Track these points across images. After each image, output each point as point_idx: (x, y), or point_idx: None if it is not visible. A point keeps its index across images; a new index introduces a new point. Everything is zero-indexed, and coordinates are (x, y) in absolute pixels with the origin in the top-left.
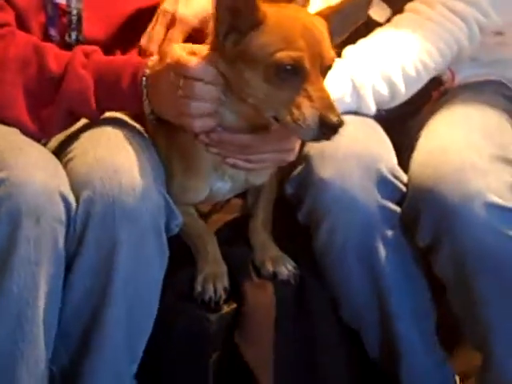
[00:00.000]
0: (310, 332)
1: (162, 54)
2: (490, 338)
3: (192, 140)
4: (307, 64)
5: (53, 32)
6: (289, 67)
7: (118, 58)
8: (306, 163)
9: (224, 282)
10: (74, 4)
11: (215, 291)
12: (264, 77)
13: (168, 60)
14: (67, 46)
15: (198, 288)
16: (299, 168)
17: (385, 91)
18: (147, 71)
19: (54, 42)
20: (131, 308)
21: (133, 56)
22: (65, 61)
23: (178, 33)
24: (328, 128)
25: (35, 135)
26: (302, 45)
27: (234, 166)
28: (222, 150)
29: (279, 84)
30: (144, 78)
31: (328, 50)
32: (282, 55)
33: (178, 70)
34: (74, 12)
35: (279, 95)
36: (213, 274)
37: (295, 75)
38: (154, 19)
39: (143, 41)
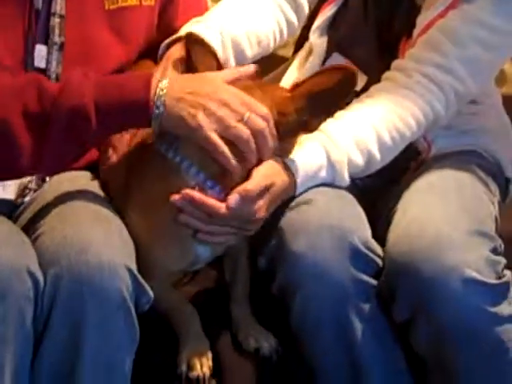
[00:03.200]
0: None
1: None
2: None
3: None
4: None
5: None
6: None
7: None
8: (278, 236)
9: (209, 358)
10: (53, 68)
11: (201, 369)
12: None
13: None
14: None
15: (183, 366)
16: (272, 241)
17: (360, 161)
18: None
19: None
20: None
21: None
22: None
23: None
24: None
25: (33, 166)
26: None
27: (199, 239)
28: (189, 218)
29: None
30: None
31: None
32: None
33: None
34: (53, 76)
35: None
36: (198, 351)
37: None
38: None
39: None
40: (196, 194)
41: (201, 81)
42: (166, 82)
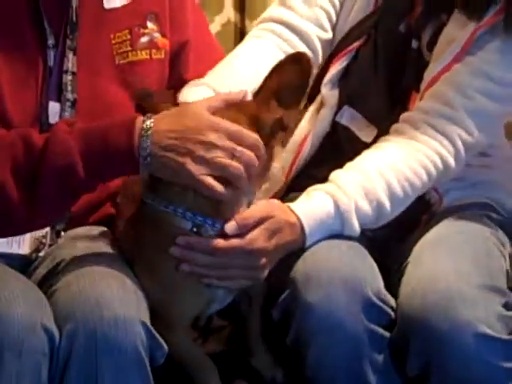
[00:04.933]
0: None
1: None
2: None
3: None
4: None
5: None
6: None
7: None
8: (292, 288)
9: None
10: None
11: None
12: None
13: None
14: None
15: None
16: (285, 293)
17: (369, 210)
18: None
19: None
20: None
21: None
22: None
23: None
24: None
25: (29, 220)
26: None
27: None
28: (192, 266)
29: None
30: (148, 123)
31: None
32: None
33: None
34: None
35: None
36: None
37: None
38: None
39: None
40: (191, 238)
41: (185, 117)
42: (151, 123)
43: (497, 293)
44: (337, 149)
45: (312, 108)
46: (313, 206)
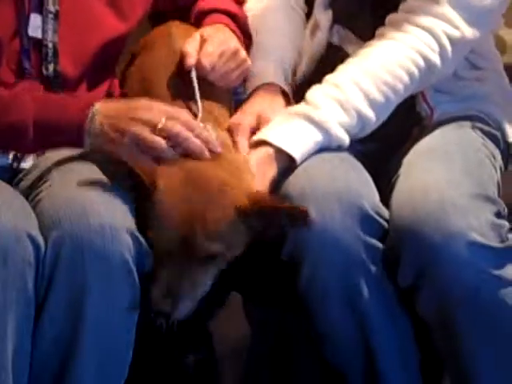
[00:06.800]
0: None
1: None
2: (474, 380)
3: None
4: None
5: (27, 65)
6: None
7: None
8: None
9: None
10: (49, 37)
11: None
12: None
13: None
14: (44, 80)
15: None
16: None
17: (349, 122)
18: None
19: (28, 75)
20: (104, 353)
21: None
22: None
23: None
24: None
25: None
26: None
27: None
28: None
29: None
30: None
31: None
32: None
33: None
34: (50, 45)
35: None
36: None
37: None
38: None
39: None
40: None
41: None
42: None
43: (488, 202)
44: (332, 70)
45: (307, 29)
46: (292, 128)
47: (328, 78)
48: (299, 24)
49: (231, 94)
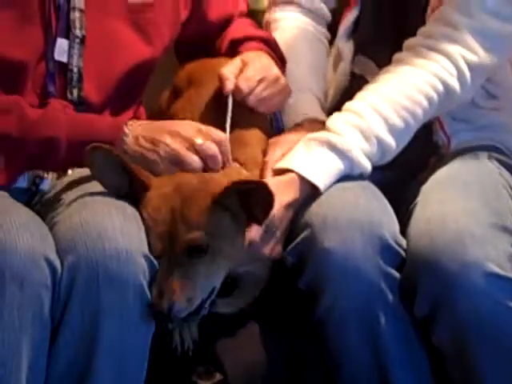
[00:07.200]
0: None
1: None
2: None
3: None
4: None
5: (51, 89)
6: None
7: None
8: (308, 232)
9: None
10: (75, 62)
11: None
12: None
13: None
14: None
15: None
16: (300, 236)
17: (370, 149)
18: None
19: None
20: (118, 376)
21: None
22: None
23: None
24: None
25: None
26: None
27: None
28: None
29: None
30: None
31: (183, 234)
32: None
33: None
34: (75, 70)
35: None
36: None
37: None
38: None
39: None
40: None
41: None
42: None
43: (506, 232)
44: None
45: (330, 59)
46: (317, 156)
47: (347, 105)
48: (324, 53)
49: (269, 121)
